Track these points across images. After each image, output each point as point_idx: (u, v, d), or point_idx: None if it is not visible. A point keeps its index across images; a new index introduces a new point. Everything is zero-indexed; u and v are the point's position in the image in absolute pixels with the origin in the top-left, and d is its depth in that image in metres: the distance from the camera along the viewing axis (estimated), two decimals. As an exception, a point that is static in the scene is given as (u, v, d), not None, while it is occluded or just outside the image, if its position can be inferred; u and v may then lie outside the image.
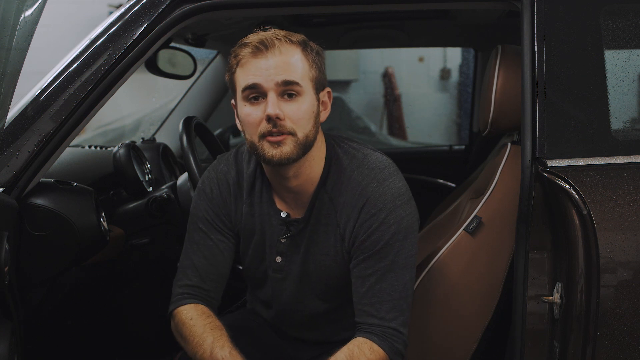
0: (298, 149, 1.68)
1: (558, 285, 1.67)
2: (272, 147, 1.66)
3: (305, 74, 1.68)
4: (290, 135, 1.66)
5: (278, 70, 1.64)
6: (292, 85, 1.65)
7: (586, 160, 1.71)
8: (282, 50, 1.66)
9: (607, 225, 1.63)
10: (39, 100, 1.76)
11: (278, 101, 1.65)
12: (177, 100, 3.42)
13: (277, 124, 1.64)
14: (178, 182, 2.44)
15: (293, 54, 1.67)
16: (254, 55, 1.65)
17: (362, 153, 1.80)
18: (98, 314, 2.58)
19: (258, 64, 1.65)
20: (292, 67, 1.66)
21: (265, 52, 1.65)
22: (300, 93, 1.66)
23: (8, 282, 1.63)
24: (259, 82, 1.65)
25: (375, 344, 1.69)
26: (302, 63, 1.68)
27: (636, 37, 1.81)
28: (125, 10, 1.83)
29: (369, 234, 1.72)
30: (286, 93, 1.66)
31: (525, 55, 1.77)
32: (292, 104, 1.66)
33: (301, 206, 1.79)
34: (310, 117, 1.69)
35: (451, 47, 6.19)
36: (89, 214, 1.83)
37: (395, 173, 1.78)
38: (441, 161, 3.92)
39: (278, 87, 1.65)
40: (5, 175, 1.70)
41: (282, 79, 1.64)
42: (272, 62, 1.64)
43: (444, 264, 2.00)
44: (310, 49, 1.71)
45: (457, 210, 2.36)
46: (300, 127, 1.67)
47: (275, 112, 1.63)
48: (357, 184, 1.75)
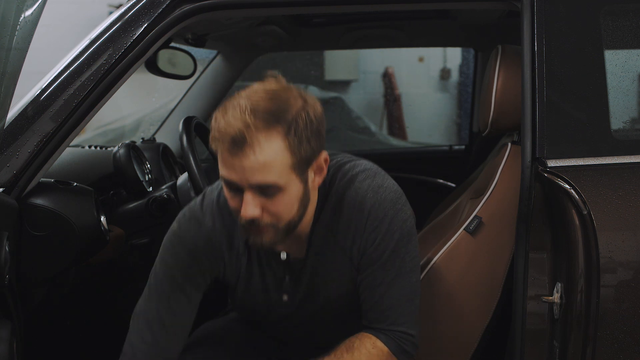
0: (281, 235, 1.58)
1: (558, 285, 1.67)
2: (253, 235, 1.57)
3: (284, 168, 1.50)
4: (271, 227, 1.56)
5: (253, 172, 1.48)
6: (268, 187, 1.51)
7: (586, 160, 1.71)
8: (257, 149, 1.46)
9: (607, 225, 1.63)
10: (39, 100, 1.76)
11: (255, 198, 1.51)
12: (177, 100, 3.42)
13: (254, 222, 1.53)
14: (178, 182, 2.44)
15: (270, 150, 1.48)
16: (229, 152, 1.48)
17: (346, 168, 1.71)
18: (98, 314, 2.58)
19: (233, 161, 1.49)
20: (268, 167, 1.48)
21: (238, 151, 1.47)
22: (281, 189, 1.52)
23: (8, 282, 1.63)
24: (234, 180, 1.51)
25: (380, 341, 1.69)
26: (282, 156, 1.49)
27: (636, 37, 1.81)
28: (125, 10, 1.83)
29: (375, 245, 1.68)
30: (263, 191, 1.52)
31: (525, 55, 1.77)
32: (272, 200, 1.53)
33: (300, 244, 1.72)
34: (294, 205, 1.56)
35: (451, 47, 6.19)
36: (89, 214, 1.83)
37: (385, 176, 1.73)
38: (441, 161, 3.91)
39: (253, 187, 1.51)
40: (5, 175, 1.70)
41: (256, 182, 1.49)
42: (246, 163, 1.47)
43: (444, 264, 2.00)
44: (295, 129, 1.50)
45: (457, 211, 2.36)
46: (281, 219, 1.56)
47: (251, 215, 1.52)
48: (354, 201, 1.68)
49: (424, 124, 6.80)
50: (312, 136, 1.53)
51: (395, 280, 1.70)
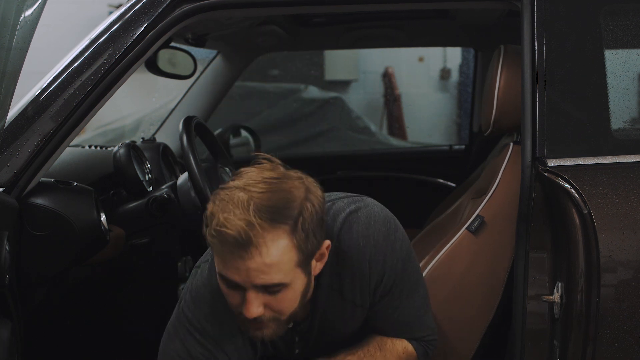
0: (283, 326, 1.53)
1: (558, 285, 1.67)
2: (254, 331, 1.52)
3: (290, 267, 1.43)
4: (272, 321, 1.49)
5: (258, 274, 1.40)
6: (272, 287, 1.43)
7: (586, 160, 1.71)
8: (263, 250, 1.38)
9: (608, 224, 1.63)
10: (39, 100, 1.76)
11: (258, 297, 1.43)
12: (177, 100, 3.42)
13: (257, 319, 1.46)
14: (178, 182, 2.44)
15: (277, 250, 1.39)
16: (231, 253, 1.39)
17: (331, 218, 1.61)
18: (98, 314, 2.58)
19: (236, 263, 1.40)
20: (274, 268, 1.40)
21: (244, 254, 1.38)
22: (286, 286, 1.44)
23: (8, 282, 1.63)
24: (236, 281, 1.43)
25: (411, 346, 1.71)
26: (288, 256, 1.41)
27: (636, 37, 1.81)
28: (125, 10, 1.83)
29: (383, 283, 1.64)
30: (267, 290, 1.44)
31: (525, 55, 1.77)
32: (276, 297, 1.45)
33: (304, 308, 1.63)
34: (297, 299, 1.49)
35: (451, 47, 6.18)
36: (89, 213, 1.83)
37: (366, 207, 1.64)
38: (441, 161, 3.91)
39: (258, 287, 1.43)
40: (6, 175, 1.70)
41: (262, 283, 1.41)
42: (252, 265, 1.39)
43: (445, 263, 2.00)
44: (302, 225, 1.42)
45: (458, 210, 2.35)
46: (284, 314, 1.49)
47: (255, 314, 1.44)
48: (350, 255, 1.60)
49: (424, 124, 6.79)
50: (317, 229, 1.46)
51: (406, 300, 1.70)
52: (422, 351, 1.72)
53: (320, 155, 4.80)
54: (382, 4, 2.05)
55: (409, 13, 2.82)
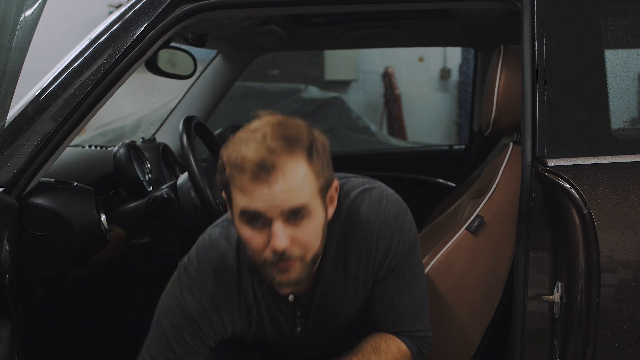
0: (307, 270, 1.53)
1: (558, 285, 1.67)
2: (279, 274, 1.50)
3: (312, 191, 1.46)
4: (299, 260, 1.50)
5: (284, 197, 1.42)
6: (299, 211, 1.45)
7: (586, 160, 1.71)
8: (286, 172, 1.42)
9: (608, 224, 1.63)
10: (39, 100, 1.76)
11: (285, 228, 1.45)
12: (177, 100, 3.42)
13: (284, 254, 1.46)
14: (178, 182, 2.44)
15: (298, 173, 1.43)
16: (253, 181, 1.42)
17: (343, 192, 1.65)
18: (98, 314, 2.58)
19: (259, 190, 1.42)
20: (299, 190, 1.43)
21: (266, 178, 1.41)
22: (309, 212, 1.47)
23: (8, 282, 1.63)
24: (262, 210, 1.44)
25: (404, 345, 1.70)
26: (309, 179, 1.45)
27: (636, 37, 1.81)
28: (125, 10, 1.83)
29: (387, 262, 1.65)
30: (292, 217, 1.45)
31: (525, 55, 1.77)
32: (300, 227, 1.47)
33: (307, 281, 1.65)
34: (320, 233, 1.52)
35: (451, 47, 6.19)
36: (89, 213, 1.83)
37: (380, 188, 1.67)
38: (441, 161, 3.91)
39: (284, 215, 1.44)
40: (6, 175, 1.70)
41: (289, 206, 1.43)
42: (276, 190, 1.41)
43: (445, 263, 2.00)
44: (317, 153, 1.48)
45: (458, 210, 2.36)
46: (309, 250, 1.50)
47: (283, 245, 1.44)
48: (359, 229, 1.63)
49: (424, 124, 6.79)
50: (328, 161, 1.51)
51: (407, 288, 1.70)
52: (416, 349, 1.71)
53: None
54: (382, 4, 2.06)
55: (409, 13, 2.82)
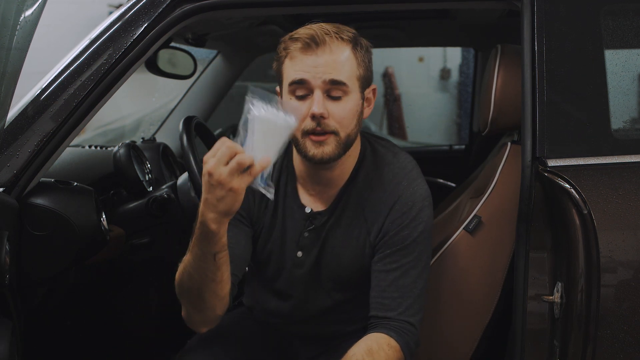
0: (340, 148, 1.69)
1: (558, 285, 1.67)
2: (315, 146, 1.67)
3: (352, 74, 1.68)
4: (333, 135, 1.67)
5: (327, 68, 1.64)
6: (338, 85, 1.66)
7: (586, 160, 1.71)
8: (333, 48, 1.65)
9: (608, 224, 1.63)
10: (39, 100, 1.76)
11: (324, 100, 1.65)
12: (177, 100, 3.42)
13: (321, 123, 1.65)
14: (178, 182, 2.44)
15: (342, 53, 1.67)
16: (303, 51, 1.65)
17: (391, 152, 1.84)
18: (98, 314, 2.58)
19: (307, 60, 1.65)
20: (340, 66, 1.66)
21: (315, 49, 1.65)
22: (347, 92, 1.67)
23: (8, 282, 1.63)
24: (306, 79, 1.65)
25: (393, 340, 1.70)
26: (351, 62, 1.68)
27: (636, 37, 1.81)
28: (125, 10, 1.83)
29: (398, 230, 1.75)
30: (332, 92, 1.66)
31: (525, 55, 1.77)
32: (338, 103, 1.67)
33: (326, 200, 1.80)
34: (354, 117, 1.70)
35: (451, 47, 6.19)
36: (89, 213, 1.83)
37: (421, 175, 1.82)
38: (441, 161, 3.92)
39: (325, 86, 1.65)
40: (6, 175, 1.70)
41: (330, 78, 1.65)
42: (321, 60, 1.64)
43: (443, 263, 2.00)
44: (360, 46, 1.71)
45: (457, 210, 2.35)
46: (343, 127, 1.68)
47: (321, 110, 1.64)
48: (389, 182, 1.78)
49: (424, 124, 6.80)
50: (369, 61, 1.73)
51: (411, 270, 1.74)
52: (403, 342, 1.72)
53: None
54: (382, 4, 2.06)
55: (409, 13, 2.82)
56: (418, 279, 1.75)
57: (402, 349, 1.71)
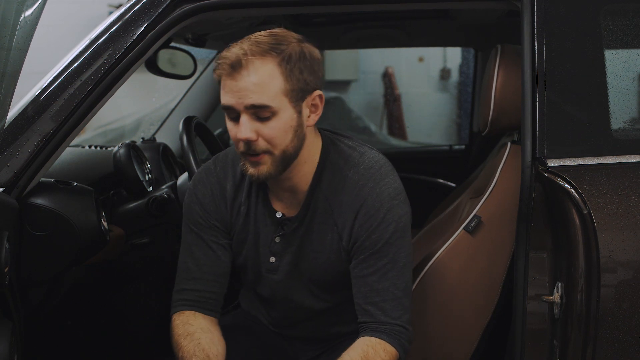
0: (277, 165, 1.67)
1: (558, 285, 1.67)
2: (251, 166, 1.67)
3: (277, 92, 1.62)
4: (267, 154, 1.65)
5: (247, 92, 1.60)
6: (261, 109, 1.62)
7: (586, 160, 1.71)
8: (251, 70, 1.60)
9: (608, 224, 1.63)
10: (39, 100, 1.76)
11: (251, 122, 1.62)
12: (177, 100, 3.42)
13: (251, 145, 1.64)
14: (178, 182, 2.44)
15: (264, 73, 1.61)
16: (227, 75, 1.63)
17: (358, 152, 1.79)
18: (98, 314, 2.58)
19: (230, 85, 1.62)
20: (260, 88, 1.60)
21: (235, 74, 1.61)
22: (274, 112, 1.63)
23: (8, 282, 1.63)
24: (231, 104, 1.63)
25: (389, 344, 1.70)
26: (275, 80, 1.62)
27: (636, 37, 1.81)
28: (125, 10, 1.83)
29: (368, 234, 1.72)
30: (259, 113, 1.62)
31: (525, 55, 1.77)
32: (266, 124, 1.63)
33: (297, 205, 1.79)
34: (288, 132, 1.65)
35: (451, 47, 6.19)
36: (89, 213, 1.83)
37: (391, 172, 1.78)
38: (441, 161, 3.92)
39: (249, 109, 1.62)
40: (6, 175, 1.70)
41: (250, 103, 1.61)
42: (241, 85, 1.61)
43: (443, 263, 2.00)
44: (289, 58, 1.63)
45: (457, 210, 2.36)
46: (276, 146, 1.65)
47: (246, 136, 1.62)
48: (354, 185, 1.74)
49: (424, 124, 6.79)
50: (305, 69, 1.65)
51: (389, 272, 1.72)
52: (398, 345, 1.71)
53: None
54: (382, 4, 2.05)
55: (409, 13, 2.82)
56: (398, 280, 1.73)
57: (398, 351, 1.71)
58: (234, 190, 1.83)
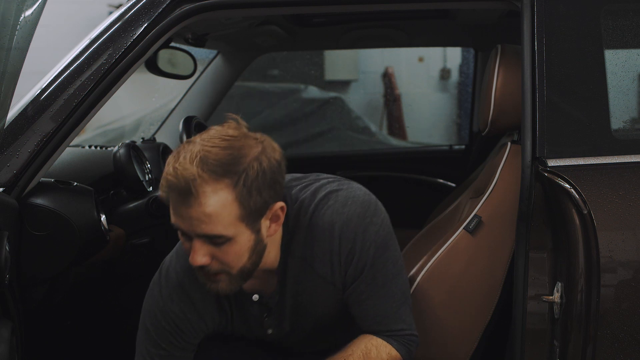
0: (235, 282, 1.58)
1: (558, 285, 1.67)
2: (209, 282, 1.57)
3: (232, 220, 1.48)
4: (223, 273, 1.55)
5: (199, 222, 1.47)
6: (215, 238, 1.50)
7: (586, 160, 1.71)
8: (202, 200, 1.45)
9: (607, 224, 1.63)
10: (39, 100, 1.76)
11: (204, 246, 1.51)
12: (177, 100, 3.42)
13: (205, 268, 1.54)
14: (178, 182, 2.44)
15: (217, 202, 1.46)
16: (177, 201, 1.48)
17: (309, 193, 1.68)
18: (98, 314, 2.58)
19: (180, 209, 1.48)
20: (213, 219, 1.47)
21: (186, 202, 1.46)
22: (229, 238, 1.50)
23: (8, 282, 1.63)
24: (183, 229, 1.51)
25: (394, 349, 1.70)
26: (228, 208, 1.47)
27: (636, 37, 1.81)
28: (125, 10, 1.83)
29: (354, 264, 1.66)
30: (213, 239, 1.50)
31: (525, 55, 1.77)
32: (220, 248, 1.51)
33: (272, 279, 1.70)
34: (244, 255, 1.54)
35: (451, 47, 6.19)
36: (89, 213, 1.83)
37: (348, 188, 1.69)
38: (441, 161, 3.91)
39: (200, 236, 1.50)
40: (6, 175, 1.70)
41: (203, 232, 1.49)
42: (193, 213, 1.46)
43: (443, 263, 2.00)
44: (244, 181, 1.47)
45: (457, 210, 2.36)
46: (232, 267, 1.54)
47: (199, 262, 1.51)
48: (323, 230, 1.65)
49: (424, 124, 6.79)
50: (264, 187, 1.49)
51: (382, 289, 1.70)
52: (405, 350, 1.71)
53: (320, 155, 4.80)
54: (382, 4, 2.05)
55: (409, 13, 2.82)
56: (393, 293, 1.70)
57: (404, 356, 1.71)
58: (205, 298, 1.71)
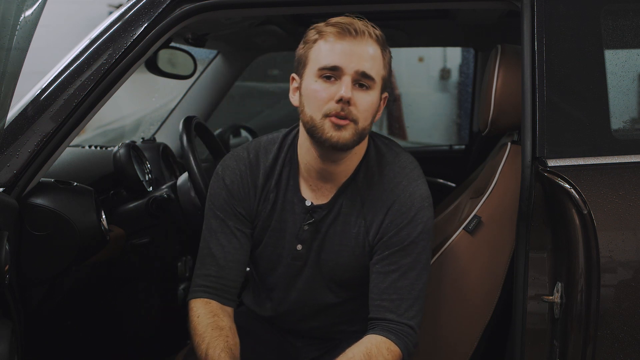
0: (355, 137, 1.70)
1: (558, 285, 1.67)
2: (334, 129, 1.68)
3: (379, 72, 1.72)
4: (353, 123, 1.68)
5: (361, 60, 1.67)
6: (367, 79, 1.69)
7: (586, 160, 1.71)
8: (369, 42, 1.69)
9: (607, 224, 1.63)
10: (39, 100, 1.76)
11: (350, 86, 1.67)
12: (177, 100, 3.42)
13: (345, 108, 1.67)
14: (178, 182, 2.44)
15: (375, 50, 1.71)
16: (340, 37, 1.68)
17: (394, 151, 1.85)
18: (98, 314, 2.58)
19: (343, 46, 1.67)
20: (372, 61, 1.69)
21: (353, 37, 1.68)
22: (371, 87, 1.70)
23: (8, 282, 1.63)
24: (340, 65, 1.67)
25: (393, 343, 1.71)
26: (379, 61, 1.71)
27: (636, 37, 1.81)
28: (125, 10, 1.83)
29: (397, 230, 1.75)
30: (359, 83, 1.68)
31: (525, 55, 1.77)
32: (364, 93, 1.69)
33: (327, 194, 1.81)
34: (373, 112, 1.73)
35: (451, 47, 6.18)
36: (89, 213, 1.83)
37: (422, 176, 1.83)
38: (441, 161, 3.91)
39: (355, 75, 1.68)
40: (6, 175, 1.70)
41: (362, 69, 1.68)
42: (357, 50, 1.67)
43: (443, 263, 2.00)
44: (388, 50, 1.75)
45: (457, 210, 2.35)
46: (363, 118, 1.70)
47: (348, 95, 1.66)
48: (388, 181, 1.79)
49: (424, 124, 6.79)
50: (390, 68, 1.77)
51: (410, 271, 1.74)
52: (403, 346, 1.73)
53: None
54: (382, 4, 2.05)
55: (409, 13, 2.82)
56: (417, 281, 1.75)
57: (402, 351, 1.71)
58: (265, 177, 1.84)
